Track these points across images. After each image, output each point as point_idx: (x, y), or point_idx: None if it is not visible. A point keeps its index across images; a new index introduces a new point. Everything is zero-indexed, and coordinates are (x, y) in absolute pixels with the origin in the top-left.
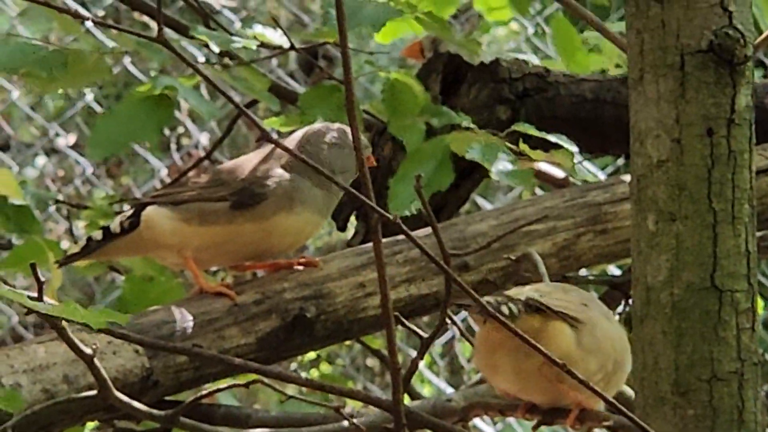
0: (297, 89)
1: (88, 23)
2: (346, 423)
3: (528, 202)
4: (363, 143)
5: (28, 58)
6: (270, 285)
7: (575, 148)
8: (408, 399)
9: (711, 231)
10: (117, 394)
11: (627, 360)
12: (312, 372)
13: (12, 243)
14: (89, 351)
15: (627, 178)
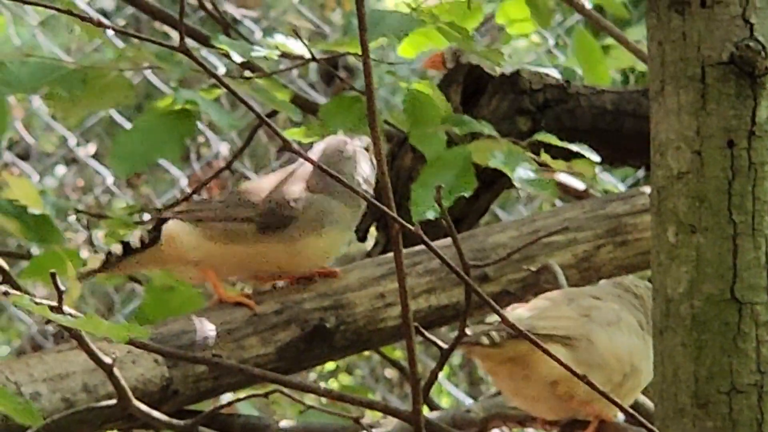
0: (318, 100)
1: (109, 32)
2: None
3: (548, 213)
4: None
5: (47, 77)
6: (290, 295)
7: (597, 157)
8: (427, 410)
9: (731, 243)
10: (136, 403)
11: (644, 367)
12: (331, 382)
13: (31, 253)
14: (109, 360)
15: (647, 189)
